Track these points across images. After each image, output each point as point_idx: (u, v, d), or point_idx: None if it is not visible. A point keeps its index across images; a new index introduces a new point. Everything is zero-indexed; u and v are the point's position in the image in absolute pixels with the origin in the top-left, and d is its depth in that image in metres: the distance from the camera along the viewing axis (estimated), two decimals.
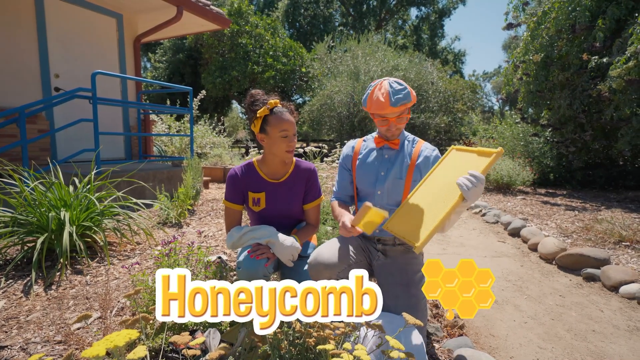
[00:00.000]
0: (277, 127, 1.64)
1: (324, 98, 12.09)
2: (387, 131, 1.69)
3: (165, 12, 5.50)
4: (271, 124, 1.65)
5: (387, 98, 1.57)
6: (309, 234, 1.86)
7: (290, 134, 1.67)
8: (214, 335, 1.46)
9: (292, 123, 1.67)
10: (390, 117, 1.63)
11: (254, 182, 1.80)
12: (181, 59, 17.14)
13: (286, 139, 1.66)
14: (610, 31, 5.29)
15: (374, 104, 1.61)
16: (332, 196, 1.86)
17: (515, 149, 7.37)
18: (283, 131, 1.65)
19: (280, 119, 1.64)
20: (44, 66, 4.71)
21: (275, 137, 1.66)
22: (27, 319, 1.83)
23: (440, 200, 1.45)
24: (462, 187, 1.32)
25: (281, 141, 1.66)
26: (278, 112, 1.65)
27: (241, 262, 1.67)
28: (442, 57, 29.51)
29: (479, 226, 4.33)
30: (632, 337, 1.98)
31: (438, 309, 2.27)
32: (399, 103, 1.57)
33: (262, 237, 1.67)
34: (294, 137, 1.69)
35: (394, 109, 1.58)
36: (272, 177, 1.81)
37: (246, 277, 1.67)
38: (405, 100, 1.58)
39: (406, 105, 1.61)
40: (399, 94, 1.57)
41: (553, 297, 2.48)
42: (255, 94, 1.71)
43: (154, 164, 5.56)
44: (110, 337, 0.78)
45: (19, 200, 2.54)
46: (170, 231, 3.40)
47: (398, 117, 1.63)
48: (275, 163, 1.78)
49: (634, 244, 3.18)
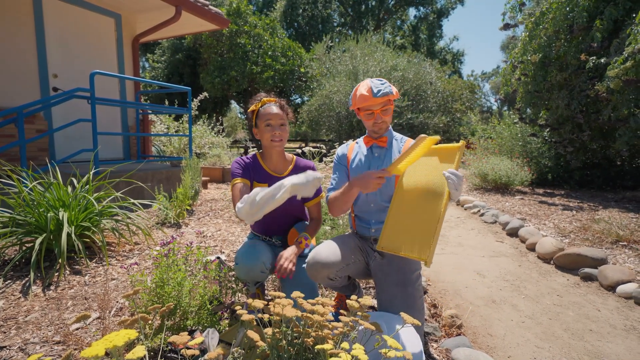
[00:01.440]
0: (263, 118, 1.78)
1: (323, 98, 12.09)
2: (373, 125, 1.76)
3: (163, 12, 5.50)
4: (260, 117, 1.80)
5: (369, 91, 1.68)
6: (316, 228, 1.92)
7: (273, 124, 1.77)
8: (212, 335, 1.47)
9: (276, 114, 1.77)
10: (375, 109, 1.72)
11: (259, 173, 1.87)
12: (180, 59, 17.12)
13: (269, 128, 1.77)
14: (608, 32, 5.30)
15: (359, 99, 1.71)
16: (327, 191, 1.86)
17: (514, 149, 7.39)
18: (267, 121, 1.77)
19: (265, 112, 1.78)
20: (43, 66, 4.70)
21: (262, 128, 1.79)
22: (25, 319, 1.83)
23: (427, 204, 1.46)
24: (451, 185, 1.40)
25: (265, 130, 1.77)
26: (265, 106, 1.80)
27: (239, 259, 1.70)
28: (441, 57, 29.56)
29: (477, 226, 4.34)
30: (629, 337, 1.99)
31: (436, 309, 2.28)
32: (380, 93, 1.67)
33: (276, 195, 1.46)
34: (280, 127, 1.78)
35: (377, 100, 1.68)
36: (274, 171, 1.88)
37: (244, 274, 1.69)
38: (386, 91, 1.67)
39: (388, 97, 1.69)
40: (380, 87, 1.68)
41: (551, 297, 2.49)
42: (256, 96, 1.87)
43: (153, 164, 5.55)
44: (109, 337, 0.79)
45: (17, 200, 2.54)
46: (169, 231, 3.40)
47: (382, 109, 1.72)
48: (272, 156, 1.86)
49: (631, 243, 3.19)
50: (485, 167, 6.44)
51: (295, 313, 1.10)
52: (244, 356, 1.29)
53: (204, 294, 1.70)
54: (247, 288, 1.84)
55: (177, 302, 1.64)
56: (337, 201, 1.72)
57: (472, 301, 2.44)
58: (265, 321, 1.20)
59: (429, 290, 2.58)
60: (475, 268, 3.03)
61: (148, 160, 5.84)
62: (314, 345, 1.11)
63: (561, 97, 5.88)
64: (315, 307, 1.15)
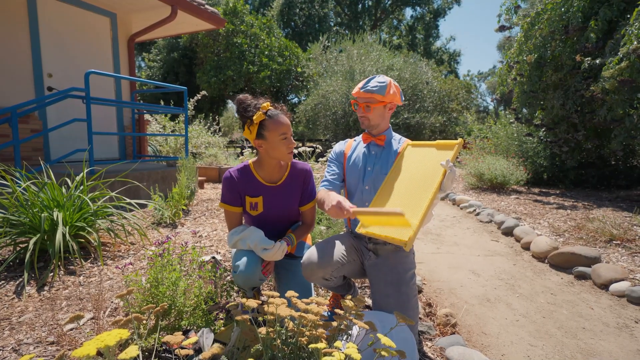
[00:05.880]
0: (276, 131, 1.62)
1: (319, 98, 12.10)
2: (359, 118, 1.81)
3: (159, 11, 5.47)
4: (269, 128, 1.62)
5: (362, 83, 1.73)
6: (304, 233, 1.86)
7: (289, 136, 1.66)
8: (207, 335, 1.47)
9: (289, 125, 1.66)
10: (360, 103, 1.75)
11: (251, 186, 1.76)
12: (176, 58, 17.08)
13: (286, 141, 1.65)
14: (603, 32, 5.34)
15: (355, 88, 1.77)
16: (320, 184, 1.83)
17: (510, 148, 7.43)
18: (283, 134, 1.63)
19: (279, 123, 1.62)
20: (37, 65, 4.67)
21: (275, 141, 1.63)
22: (19, 320, 1.82)
23: (417, 190, 1.47)
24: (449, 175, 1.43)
25: (282, 144, 1.65)
26: (274, 116, 1.63)
27: (238, 267, 1.65)
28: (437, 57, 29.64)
29: (472, 225, 4.36)
30: (621, 334, 2.01)
31: (431, 308, 2.29)
32: (366, 89, 1.70)
33: (252, 242, 1.68)
34: (291, 138, 1.70)
35: (362, 94, 1.71)
36: (269, 181, 1.78)
37: (243, 282, 1.66)
38: (375, 90, 1.68)
39: (374, 96, 1.70)
40: (373, 85, 1.70)
41: (544, 295, 2.51)
42: (244, 100, 1.68)
43: (149, 164, 5.53)
44: (101, 336, 0.79)
45: (11, 200, 2.53)
46: (165, 231, 3.39)
47: (365, 105, 1.73)
48: (272, 166, 1.76)
49: (625, 242, 3.22)
50: (481, 167, 6.48)
51: (290, 312, 1.11)
52: (239, 356, 1.29)
53: (199, 294, 1.70)
54: (244, 293, 1.83)
55: (172, 302, 1.64)
56: (321, 201, 1.68)
57: (467, 300, 2.45)
58: (260, 321, 1.20)
59: (424, 289, 2.59)
60: (470, 267, 3.04)
61: (144, 160, 5.82)
62: (308, 344, 1.11)
63: (556, 97, 5.91)
64: (309, 307, 1.15)
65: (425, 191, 1.45)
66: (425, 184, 1.48)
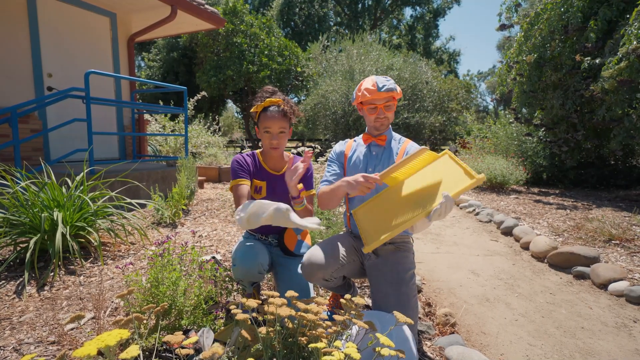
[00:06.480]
0: (263, 123, 1.79)
1: (319, 97, 12.10)
2: (375, 120, 1.77)
3: (159, 11, 5.47)
4: (260, 120, 1.80)
5: (375, 85, 1.70)
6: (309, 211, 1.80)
7: (272, 132, 1.77)
8: (207, 335, 1.47)
9: (275, 122, 1.76)
10: (379, 104, 1.73)
11: (258, 170, 1.90)
12: (175, 58, 17.06)
13: (267, 135, 1.78)
14: (602, 32, 5.35)
15: (363, 92, 1.73)
16: (320, 183, 1.82)
17: (509, 148, 7.43)
18: (265, 128, 1.78)
19: (265, 117, 1.77)
20: (37, 65, 4.67)
21: (261, 132, 1.81)
22: (20, 319, 1.83)
23: (411, 206, 1.46)
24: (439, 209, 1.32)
25: (264, 136, 1.80)
26: (268, 112, 1.77)
27: (236, 260, 1.70)
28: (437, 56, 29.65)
29: (472, 225, 4.37)
30: (620, 334, 2.02)
31: (430, 308, 2.30)
32: (385, 88, 1.69)
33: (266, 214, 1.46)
34: (278, 135, 1.78)
35: (382, 94, 1.69)
36: (273, 169, 1.91)
37: (242, 274, 1.69)
38: (391, 87, 1.69)
39: (392, 94, 1.71)
40: (385, 83, 1.70)
41: (544, 295, 2.51)
42: (265, 89, 1.85)
43: (148, 164, 5.54)
44: (102, 336, 0.79)
45: (11, 200, 2.53)
46: (165, 231, 3.40)
47: (385, 105, 1.73)
48: (271, 156, 1.89)
49: (624, 242, 3.23)
50: (481, 167, 6.48)
51: (289, 312, 1.11)
52: (239, 355, 1.30)
53: (199, 293, 1.71)
54: (244, 288, 1.84)
55: (172, 301, 1.64)
56: (325, 195, 1.70)
57: (466, 300, 2.46)
58: (260, 320, 1.20)
59: (423, 289, 2.59)
60: (469, 267, 3.05)
61: (144, 160, 5.82)
62: (308, 344, 1.12)
63: (556, 97, 5.92)
64: (309, 307, 1.16)
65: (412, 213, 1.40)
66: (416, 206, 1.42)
